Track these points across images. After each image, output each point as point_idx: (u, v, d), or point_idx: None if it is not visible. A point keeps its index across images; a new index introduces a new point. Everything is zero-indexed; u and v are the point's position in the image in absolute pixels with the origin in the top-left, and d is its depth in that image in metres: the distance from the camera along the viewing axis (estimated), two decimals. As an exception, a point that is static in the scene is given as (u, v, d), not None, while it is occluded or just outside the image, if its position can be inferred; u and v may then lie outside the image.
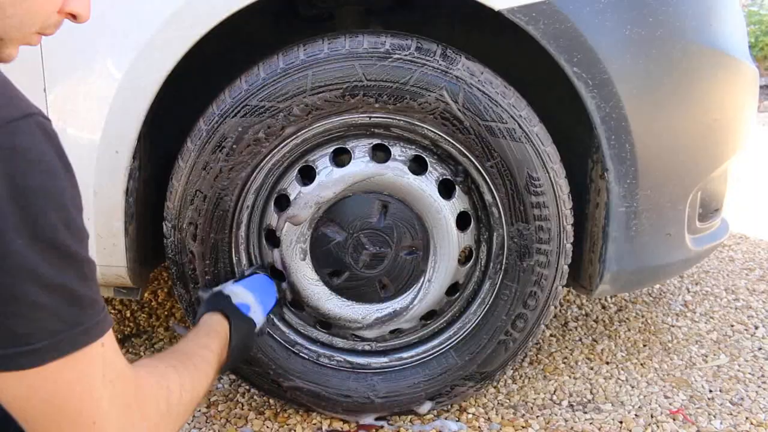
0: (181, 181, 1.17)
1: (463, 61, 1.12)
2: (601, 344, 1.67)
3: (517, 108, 1.14)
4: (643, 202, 1.19)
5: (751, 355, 1.61)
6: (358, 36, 1.12)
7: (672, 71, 1.16)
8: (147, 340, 1.72)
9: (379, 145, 1.20)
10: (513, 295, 1.23)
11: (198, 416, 1.36)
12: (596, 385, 1.47)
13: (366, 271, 1.23)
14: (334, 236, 1.22)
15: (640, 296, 1.99)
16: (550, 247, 1.20)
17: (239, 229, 1.23)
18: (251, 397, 1.43)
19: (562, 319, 1.83)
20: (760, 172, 3.90)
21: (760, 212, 3.03)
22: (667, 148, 1.20)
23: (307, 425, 1.32)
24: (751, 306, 1.91)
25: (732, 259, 2.36)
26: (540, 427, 1.32)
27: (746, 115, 1.35)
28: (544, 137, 1.17)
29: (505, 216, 1.20)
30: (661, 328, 1.77)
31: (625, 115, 1.13)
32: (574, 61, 1.10)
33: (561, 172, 1.19)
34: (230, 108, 1.13)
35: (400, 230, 1.21)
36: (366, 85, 1.11)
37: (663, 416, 1.35)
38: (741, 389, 1.45)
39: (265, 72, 1.12)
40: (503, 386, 1.47)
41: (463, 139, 1.15)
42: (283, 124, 1.13)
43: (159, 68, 1.10)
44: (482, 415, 1.36)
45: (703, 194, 1.33)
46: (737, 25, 1.33)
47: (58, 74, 1.12)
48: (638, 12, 1.12)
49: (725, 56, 1.23)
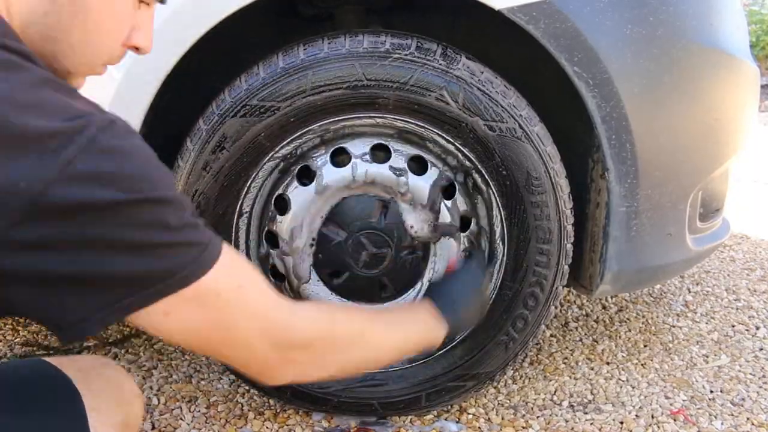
0: (181, 181, 1.17)
1: (463, 60, 1.12)
2: (602, 344, 1.67)
3: (518, 108, 1.14)
4: (644, 201, 1.19)
5: (752, 356, 1.61)
6: (358, 35, 1.12)
7: (673, 70, 1.16)
8: (147, 340, 1.72)
9: (379, 145, 1.20)
10: (513, 295, 1.23)
11: (198, 416, 1.36)
12: (597, 385, 1.47)
13: (366, 271, 1.23)
14: (334, 236, 1.21)
15: (641, 296, 1.99)
16: (550, 247, 1.20)
17: (239, 229, 1.23)
18: (251, 397, 1.42)
19: (562, 320, 1.83)
20: (760, 172, 3.89)
21: (761, 212, 3.03)
22: (667, 148, 1.19)
23: (306, 425, 1.32)
24: (752, 306, 1.91)
25: (733, 259, 2.36)
26: (540, 427, 1.32)
27: (747, 114, 1.35)
28: (545, 137, 1.17)
29: (505, 216, 1.20)
30: (661, 329, 1.76)
31: (625, 115, 1.13)
32: (575, 60, 1.10)
33: (561, 171, 1.19)
34: (230, 108, 1.13)
35: (400, 230, 1.21)
36: (366, 85, 1.11)
37: (664, 417, 1.34)
38: (742, 390, 1.45)
39: (265, 72, 1.12)
40: (503, 386, 1.47)
41: (463, 139, 1.15)
42: (282, 124, 1.13)
43: (159, 68, 1.09)
44: (482, 416, 1.35)
45: (704, 194, 1.32)
46: (738, 25, 1.32)
47: (57, 74, 1.12)
48: (639, 11, 1.11)
49: (726, 55, 1.23)
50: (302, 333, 0.74)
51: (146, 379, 1.51)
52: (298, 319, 0.74)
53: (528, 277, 1.22)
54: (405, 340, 0.91)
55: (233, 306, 0.66)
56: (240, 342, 0.69)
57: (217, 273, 0.64)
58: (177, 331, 0.65)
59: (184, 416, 1.36)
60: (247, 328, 0.68)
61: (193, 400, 1.42)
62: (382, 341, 0.87)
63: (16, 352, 1.65)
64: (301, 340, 0.74)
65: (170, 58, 1.09)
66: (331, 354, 0.79)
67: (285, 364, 0.74)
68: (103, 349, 1.67)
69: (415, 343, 0.93)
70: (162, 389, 1.47)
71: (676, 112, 1.19)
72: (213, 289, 0.64)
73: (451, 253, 1.24)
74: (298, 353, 0.74)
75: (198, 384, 1.49)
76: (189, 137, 1.17)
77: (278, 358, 0.72)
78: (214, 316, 0.66)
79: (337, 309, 0.86)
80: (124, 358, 1.62)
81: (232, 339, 0.68)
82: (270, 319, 0.71)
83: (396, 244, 1.21)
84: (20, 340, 1.72)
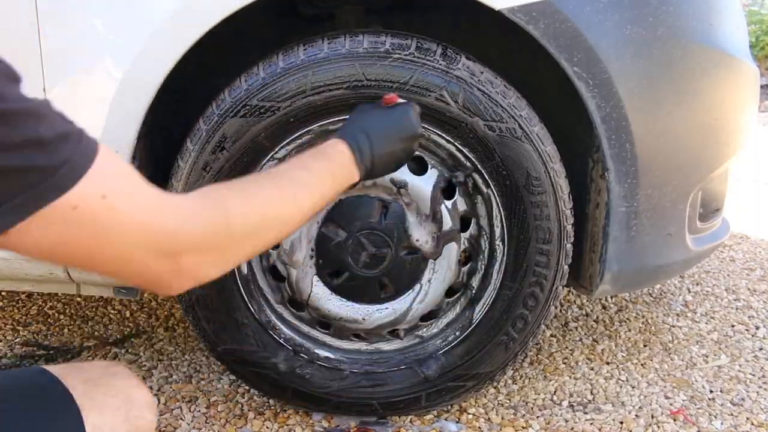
0: (181, 181, 1.17)
1: (463, 60, 1.12)
2: (602, 344, 1.67)
3: (518, 108, 1.14)
4: (644, 201, 1.19)
5: (752, 356, 1.61)
6: (358, 35, 1.12)
7: (672, 71, 1.16)
8: (147, 340, 1.72)
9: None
10: (513, 295, 1.23)
11: (198, 416, 1.36)
12: (597, 385, 1.47)
13: (366, 271, 1.23)
14: (334, 236, 1.21)
15: (641, 296, 1.99)
16: (550, 247, 1.20)
17: (239, 229, 1.23)
18: (251, 397, 1.42)
19: (562, 320, 1.83)
20: (760, 172, 3.89)
21: (761, 212, 3.03)
22: (667, 148, 1.19)
23: (306, 425, 1.32)
24: (752, 306, 1.91)
25: (733, 259, 2.36)
26: (540, 427, 1.32)
27: (747, 114, 1.35)
28: (545, 137, 1.17)
29: (505, 216, 1.20)
30: (661, 329, 1.76)
31: (625, 115, 1.13)
32: (575, 60, 1.10)
33: (561, 171, 1.19)
34: (230, 108, 1.13)
35: (400, 230, 1.21)
36: (366, 85, 1.11)
37: (663, 417, 1.34)
38: (742, 389, 1.45)
39: (265, 72, 1.12)
40: (503, 386, 1.47)
41: (463, 139, 1.15)
42: (283, 124, 1.13)
43: (159, 68, 1.09)
44: (482, 416, 1.35)
45: (704, 194, 1.32)
46: (738, 25, 1.32)
47: (58, 74, 1.12)
48: (639, 11, 1.11)
49: (726, 56, 1.23)
50: (192, 237, 0.66)
51: (146, 379, 1.51)
52: (184, 222, 0.65)
53: (528, 277, 1.22)
54: (317, 197, 0.82)
55: (104, 219, 0.59)
56: (120, 257, 0.62)
57: (84, 186, 0.57)
58: (46, 250, 0.59)
59: (184, 416, 1.36)
60: (123, 242, 0.61)
61: (193, 400, 1.42)
62: (289, 214, 0.78)
63: (17, 352, 1.66)
64: (192, 244, 0.66)
65: (170, 58, 1.09)
66: (231, 249, 0.71)
67: (180, 272, 0.66)
68: (102, 348, 1.67)
69: (327, 197, 0.85)
70: (162, 389, 1.47)
71: (675, 112, 1.19)
72: (79, 203, 0.57)
73: (451, 253, 1.24)
74: (193, 257, 0.66)
75: (198, 384, 1.49)
76: (189, 137, 1.17)
77: (170, 267, 0.65)
78: (85, 231, 0.59)
79: (231, 194, 0.73)
80: (124, 358, 1.62)
81: (111, 254, 0.62)
82: (152, 228, 0.63)
83: (396, 245, 1.21)
84: (20, 340, 1.72)
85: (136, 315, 1.89)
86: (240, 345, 1.26)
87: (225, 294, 1.23)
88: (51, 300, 1.98)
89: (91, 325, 1.82)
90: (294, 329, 1.31)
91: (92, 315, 1.89)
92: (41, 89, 1.12)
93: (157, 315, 1.89)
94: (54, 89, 1.12)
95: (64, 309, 1.93)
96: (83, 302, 1.97)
